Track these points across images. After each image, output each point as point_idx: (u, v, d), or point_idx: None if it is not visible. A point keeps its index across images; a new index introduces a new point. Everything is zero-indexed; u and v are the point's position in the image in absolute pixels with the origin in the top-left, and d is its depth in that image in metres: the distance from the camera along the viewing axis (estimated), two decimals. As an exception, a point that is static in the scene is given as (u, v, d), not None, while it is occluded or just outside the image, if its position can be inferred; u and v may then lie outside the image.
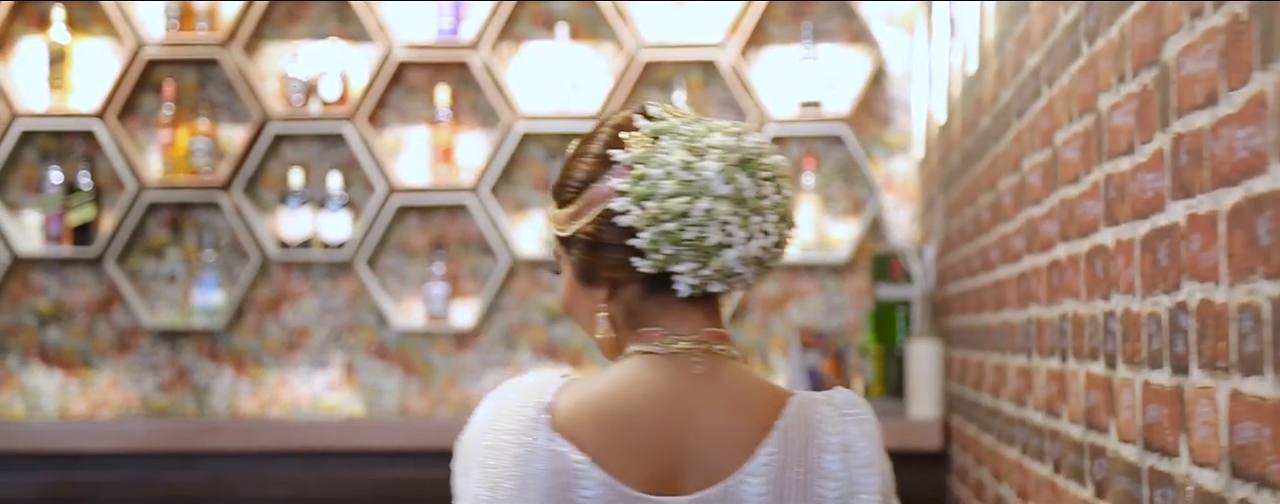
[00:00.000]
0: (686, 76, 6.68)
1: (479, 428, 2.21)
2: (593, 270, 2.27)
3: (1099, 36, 2.78)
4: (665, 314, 2.25)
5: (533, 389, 2.21)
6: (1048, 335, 3.37)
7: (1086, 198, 2.91)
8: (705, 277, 2.22)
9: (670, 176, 2.20)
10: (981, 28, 4.41)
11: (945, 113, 5.43)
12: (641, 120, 2.29)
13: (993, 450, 4.29)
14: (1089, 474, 2.91)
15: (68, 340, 6.70)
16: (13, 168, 6.69)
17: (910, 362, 5.67)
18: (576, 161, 2.31)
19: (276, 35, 6.77)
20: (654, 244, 2.21)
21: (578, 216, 2.27)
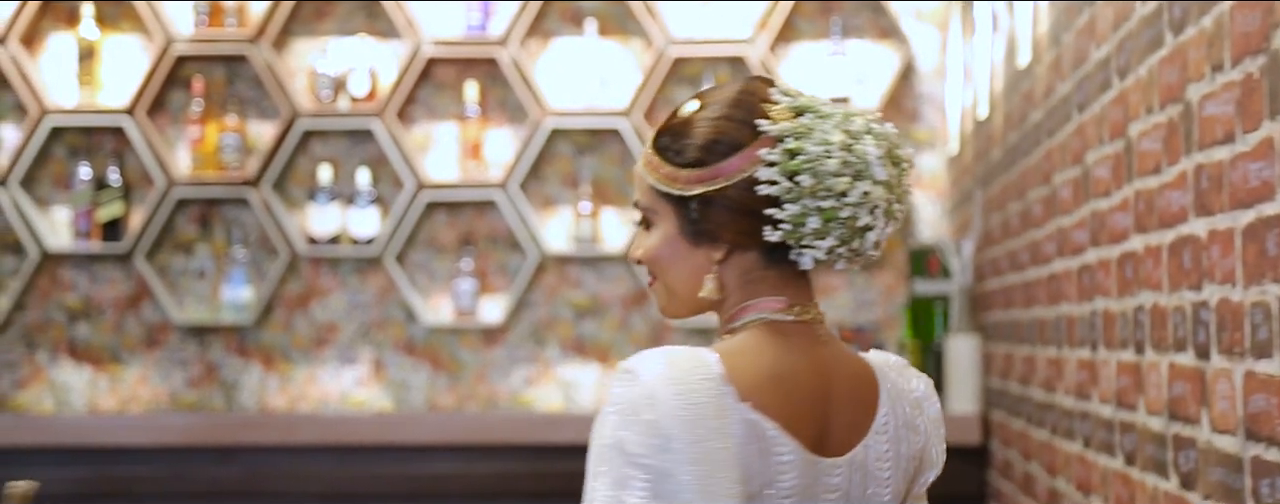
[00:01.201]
0: (715, 72, 6.68)
1: (669, 406, 2.15)
2: (715, 232, 2.29)
3: (1188, 25, 2.78)
4: (785, 284, 2.31)
5: (700, 362, 2.20)
6: (1118, 328, 3.37)
7: (1170, 189, 2.91)
8: (839, 255, 2.29)
9: (829, 155, 2.24)
10: (1034, 22, 4.40)
11: (987, 108, 5.43)
12: (777, 93, 2.33)
13: (1047, 444, 4.29)
14: (1174, 466, 2.91)
15: (97, 336, 6.69)
16: (42, 164, 6.68)
17: (949, 356, 5.67)
18: (715, 122, 2.30)
19: (305, 31, 6.76)
20: (799, 218, 2.25)
21: (709, 179, 2.29)
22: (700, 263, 2.31)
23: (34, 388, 6.65)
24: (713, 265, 2.30)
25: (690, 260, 2.32)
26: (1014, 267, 4.89)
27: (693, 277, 2.32)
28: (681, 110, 2.36)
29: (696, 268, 2.32)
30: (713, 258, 2.30)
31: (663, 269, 2.35)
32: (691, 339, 6.67)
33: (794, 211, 2.25)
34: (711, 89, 2.39)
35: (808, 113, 2.30)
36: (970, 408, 5.65)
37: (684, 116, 2.34)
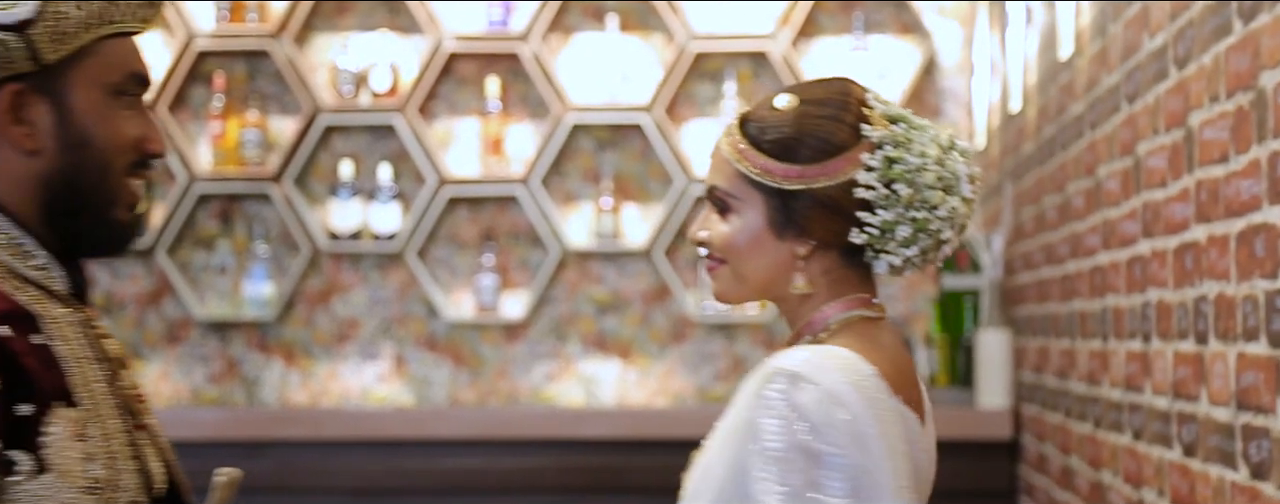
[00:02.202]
0: (737, 68, 6.68)
1: (858, 405, 2.21)
2: (806, 227, 2.32)
3: (1261, 13, 2.77)
4: (865, 283, 2.39)
5: (857, 360, 2.25)
6: (1175, 319, 3.36)
7: (1240, 177, 2.90)
8: (913, 263, 2.36)
9: (924, 169, 2.31)
10: (1076, 14, 4.40)
11: (1020, 101, 5.42)
12: (871, 98, 2.38)
13: (1090, 437, 4.29)
14: (1243, 456, 2.90)
15: (118, 332, 6.67)
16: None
17: (979, 351, 5.66)
18: (820, 122, 2.33)
19: (326, 27, 6.75)
20: (890, 224, 2.31)
21: (812, 177, 2.31)
22: (781, 255, 2.35)
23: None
24: (796, 260, 2.34)
25: (771, 252, 2.35)
26: (1050, 260, 4.89)
27: (770, 268, 2.36)
28: (776, 103, 2.37)
29: (776, 260, 2.35)
30: (797, 252, 2.34)
31: (738, 256, 2.37)
32: (714, 335, 6.66)
33: (887, 218, 2.31)
34: (804, 85, 2.42)
35: (901, 122, 2.36)
36: (1001, 402, 5.65)
37: (783, 110, 2.36)
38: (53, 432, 2.09)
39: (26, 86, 2.17)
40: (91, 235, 2.24)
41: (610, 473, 5.99)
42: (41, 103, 2.18)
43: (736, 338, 6.67)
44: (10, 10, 2.12)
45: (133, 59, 2.24)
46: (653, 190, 6.72)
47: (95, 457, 2.13)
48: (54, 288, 2.20)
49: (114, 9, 2.20)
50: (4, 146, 2.19)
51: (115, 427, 2.18)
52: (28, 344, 2.09)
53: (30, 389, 2.07)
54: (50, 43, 2.15)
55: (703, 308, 6.59)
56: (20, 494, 2.05)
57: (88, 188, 2.20)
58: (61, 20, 2.15)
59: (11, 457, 2.05)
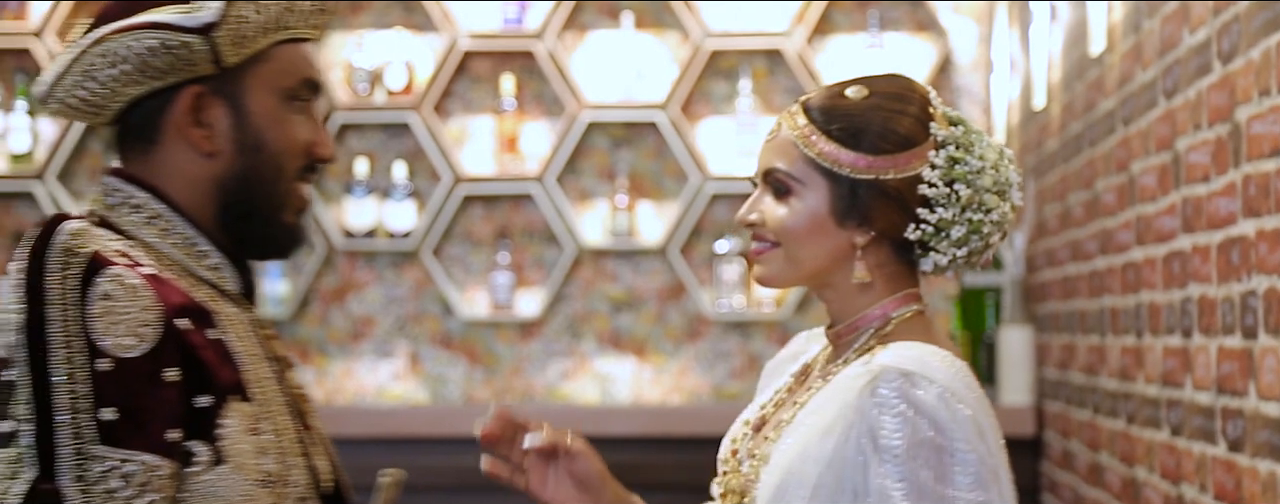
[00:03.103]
0: (752, 65, 6.68)
1: (972, 399, 2.24)
2: (870, 217, 2.34)
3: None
4: (913, 279, 2.41)
5: (952, 358, 2.28)
6: (1219, 314, 3.36)
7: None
8: (958, 264, 2.38)
9: (984, 172, 2.34)
10: (1109, 10, 4.40)
11: (1043, 98, 5.42)
12: (934, 98, 2.40)
13: (1123, 433, 4.29)
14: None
15: (132, 331, 6.65)
16: (78, 157, 6.65)
17: (1001, 348, 5.67)
18: (894, 116, 2.35)
19: (341, 25, 6.74)
20: (947, 223, 2.33)
21: (883, 168, 2.33)
22: (839, 243, 2.36)
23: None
24: (854, 249, 2.35)
25: (830, 238, 2.36)
26: (1077, 256, 4.89)
27: (827, 254, 2.37)
28: (847, 93, 2.38)
29: (834, 247, 2.36)
30: (856, 242, 2.35)
31: (795, 240, 2.37)
32: (730, 333, 6.66)
33: (944, 216, 2.33)
34: (870, 78, 2.43)
35: (959, 125, 2.38)
36: (1024, 399, 5.65)
37: (854, 100, 2.37)
38: (228, 424, 2.11)
39: (206, 89, 2.21)
40: (261, 237, 2.27)
41: (625, 470, 5.89)
42: (220, 106, 2.22)
43: (752, 336, 6.67)
44: (195, 14, 2.15)
45: (305, 65, 2.28)
46: (668, 188, 6.71)
47: (267, 451, 2.16)
48: (226, 288, 2.23)
49: (289, 15, 2.24)
50: (183, 148, 2.23)
51: (285, 423, 2.22)
52: (205, 338, 2.12)
53: (208, 382, 2.10)
54: (231, 46, 2.18)
55: (718, 305, 6.59)
56: (198, 485, 2.08)
57: (261, 191, 2.23)
58: (242, 24, 2.18)
59: (191, 447, 2.08)
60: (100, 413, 2.01)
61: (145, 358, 2.04)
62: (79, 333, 2.02)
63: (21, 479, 2.00)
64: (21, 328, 2.02)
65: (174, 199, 2.22)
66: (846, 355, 2.38)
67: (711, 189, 6.57)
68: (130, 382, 2.03)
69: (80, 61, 2.18)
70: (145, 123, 2.22)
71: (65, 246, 2.05)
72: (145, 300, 2.06)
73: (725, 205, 6.66)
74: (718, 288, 6.61)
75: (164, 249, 2.20)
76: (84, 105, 2.21)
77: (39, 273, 2.03)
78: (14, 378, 2.02)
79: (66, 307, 2.02)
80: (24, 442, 2.01)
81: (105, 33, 2.17)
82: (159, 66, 2.18)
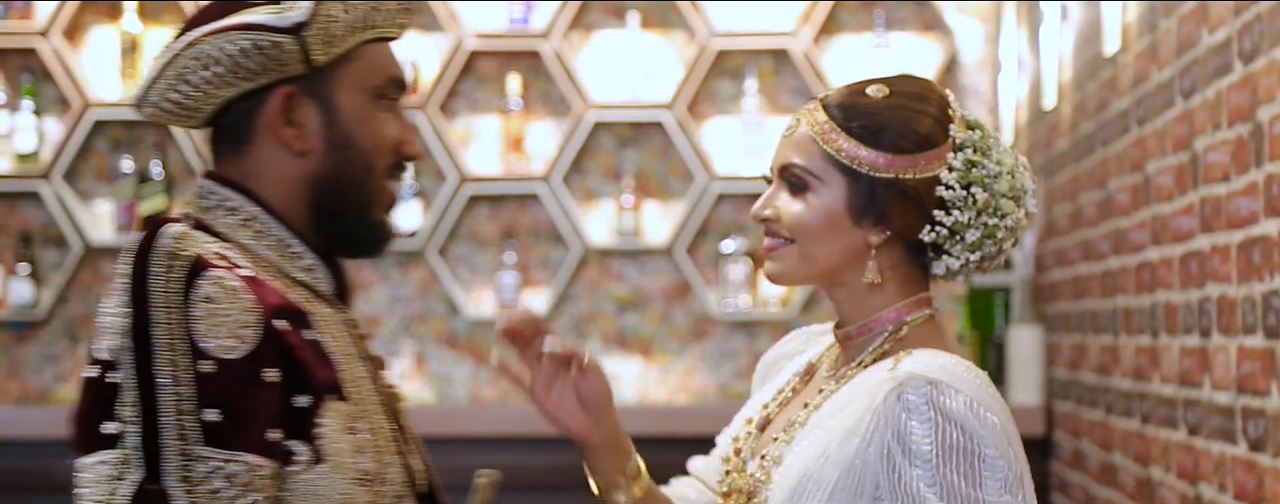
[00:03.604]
0: (758, 65, 6.67)
1: (998, 407, 2.27)
2: (887, 216, 2.34)
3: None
4: (925, 282, 2.41)
5: (973, 366, 2.29)
6: (1240, 313, 3.36)
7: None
8: (969, 268, 2.38)
9: (1000, 177, 2.34)
10: (1123, 10, 4.40)
11: (1054, 98, 5.43)
12: (952, 100, 2.41)
13: (1138, 433, 4.29)
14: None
15: (138, 331, 6.64)
16: (85, 157, 6.64)
17: (1011, 348, 5.67)
18: (915, 115, 2.35)
19: (347, 24, 6.72)
20: (962, 226, 2.33)
21: (902, 167, 2.33)
22: (854, 241, 2.36)
23: (76, 381, 6.60)
24: (868, 248, 2.35)
25: (846, 236, 2.36)
26: (1089, 256, 4.89)
27: (841, 252, 2.37)
28: (867, 91, 2.38)
29: (849, 245, 2.36)
30: (871, 241, 2.35)
31: (809, 237, 2.37)
32: (736, 333, 6.66)
33: (960, 219, 2.32)
34: (890, 78, 2.42)
35: (977, 129, 2.38)
36: (1033, 399, 5.65)
37: (874, 99, 2.36)
38: (326, 424, 2.14)
39: (297, 89, 2.24)
40: (353, 235, 2.30)
41: (631, 471, 5.98)
42: (310, 105, 2.24)
43: (758, 335, 6.67)
44: (285, 13, 2.18)
45: (391, 64, 2.32)
46: (674, 188, 6.71)
47: (364, 450, 2.19)
48: (319, 288, 2.25)
49: (376, 14, 2.27)
50: (275, 148, 2.25)
51: (380, 422, 2.24)
52: (302, 338, 2.15)
53: (306, 382, 2.13)
54: (321, 46, 2.20)
55: (724, 305, 6.58)
56: (298, 484, 2.12)
57: (351, 188, 2.26)
58: (331, 24, 2.20)
59: (291, 447, 2.11)
60: (204, 414, 2.04)
61: (246, 359, 2.07)
62: (183, 335, 2.04)
63: (128, 480, 2.03)
64: (127, 331, 2.04)
65: (267, 200, 2.25)
66: (861, 358, 2.38)
67: (717, 189, 6.57)
68: (232, 383, 2.06)
69: (173, 65, 2.21)
70: (237, 124, 2.25)
71: (168, 250, 2.07)
72: (245, 302, 2.09)
73: (731, 205, 6.66)
74: (724, 288, 6.61)
75: (259, 251, 2.23)
76: (178, 109, 2.25)
77: (143, 276, 2.06)
78: (119, 380, 2.05)
79: (170, 309, 2.04)
80: (129, 443, 2.04)
81: (197, 36, 2.20)
82: (251, 67, 2.20)
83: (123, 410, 2.04)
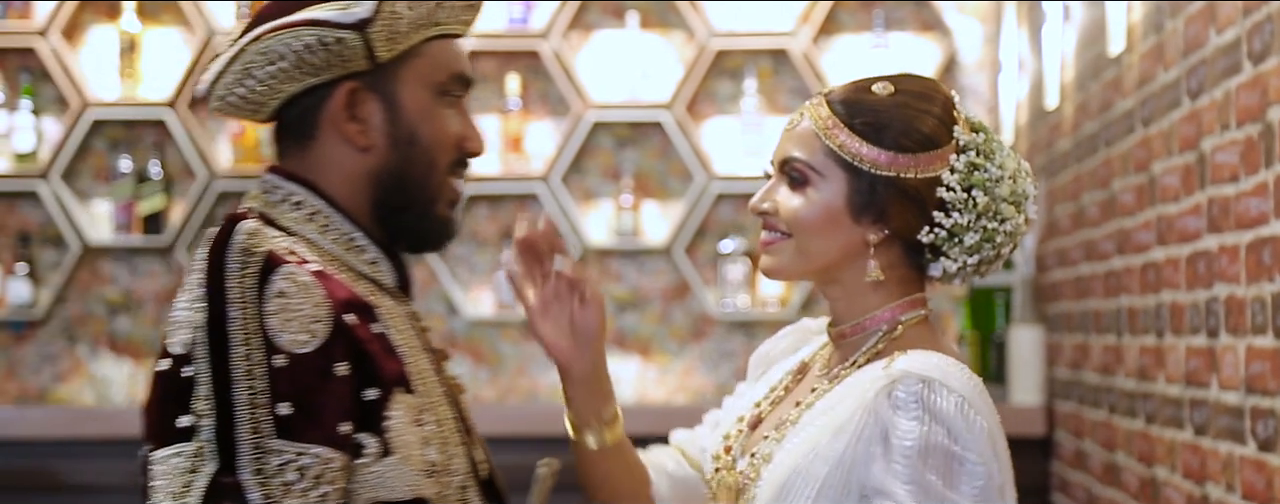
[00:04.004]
0: (757, 65, 6.68)
1: (987, 410, 2.25)
2: (886, 214, 2.33)
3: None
4: (921, 284, 2.41)
5: (968, 369, 2.29)
6: (1249, 314, 3.37)
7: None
8: (966, 272, 2.37)
9: (1002, 181, 2.34)
10: (1128, 10, 4.40)
11: (1056, 98, 5.43)
12: (958, 103, 2.40)
13: (1142, 433, 4.29)
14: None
15: (138, 329, 6.65)
16: (83, 157, 6.63)
17: (1011, 348, 5.68)
18: (919, 115, 2.34)
19: (346, 23, 6.71)
20: (961, 229, 2.33)
21: (904, 166, 2.33)
22: (852, 238, 2.35)
23: (74, 381, 6.61)
24: (867, 246, 2.35)
25: (844, 233, 2.35)
26: (1092, 256, 4.90)
27: (838, 249, 2.36)
28: (873, 88, 2.37)
29: (847, 242, 2.35)
30: (869, 239, 2.35)
31: (807, 232, 2.37)
32: (734, 333, 6.66)
33: (959, 221, 2.32)
34: (896, 76, 2.42)
35: (982, 132, 2.37)
36: (1034, 399, 5.66)
37: (879, 96, 2.36)
38: (394, 416, 2.16)
39: (361, 85, 2.26)
40: (415, 230, 2.32)
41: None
42: (373, 101, 2.26)
43: (756, 335, 6.66)
44: (350, 10, 2.19)
45: (456, 60, 2.34)
46: (673, 188, 6.71)
47: (430, 441, 2.21)
48: (383, 282, 2.26)
49: (440, 11, 2.29)
50: (338, 143, 2.28)
51: (445, 413, 2.27)
52: (370, 332, 2.17)
53: (375, 375, 2.15)
54: (385, 42, 2.22)
55: (723, 305, 6.59)
56: (367, 476, 2.14)
57: (414, 184, 2.28)
58: (395, 20, 2.22)
59: (360, 440, 2.14)
60: (277, 408, 2.07)
61: (317, 353, 2.10)
62: (257, 330, 2.08)
63: (203, 473, 2.06)
64: (203, 326, 2.07)
65: (331, 194, 2.28)
66: (856, 358, 2.37)
67: (716, 189, 6.57)
68: (304, 377, 2.09)
69: (239, 60, 2.23)
70: (302, 119, 2.28)
71: (243, 246, 2.10)
72: (316, 297, 2.12)
73: (730, 205, 6.66)
74: (722, 288, 6.61)
75: (324, 245, 2.26)
76: (244, 103, 2.27)
77: (220, 272, 2.09)
78: (194, 374, 2.07)
79: (245, 305, 2.08)
80: (204, 436, 2.06)
81: (263, 31, 2.22)
82: (315, 63, 2.23)
83: (197, 404, 2.07)
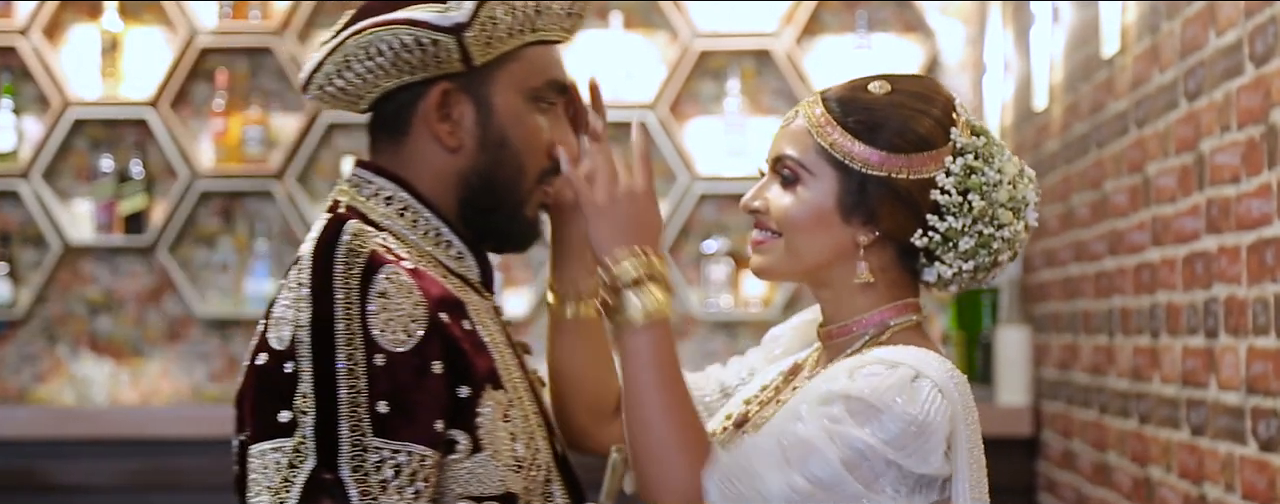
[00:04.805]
0: (741, 65, 6.68)
1: (963, 405, 2.21)
2: (876, 215, 2.31)
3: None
4: (914, 288, 2.37)
5: (952, 365, 2.25)
6: (1249, 314, 3.38)
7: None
8: (963, 278, 2.33)
9: (1000, 186, 2.30)
10: (1123, 11, 4.42)
11: (1045, 99, 5.44)
12: (958, 104, 2.36)
13: (1136, 433, 4.31)
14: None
15: (118, 329, 6.63)
16: (64, 156, 6.61)
17: (998, 348, 5.69)
18: (914, 115, 2.32)
19: (329, 24, 6.64)
20: (955, 233, 2.29)
21: (896, 166, 2.30)
22: (842, 239, 2.33)
23: (55, 381, 6.58)
24: (857, 247, 2.32)
25: (833, 233, 2.33)
26: (1082, 257, 4.91)
27: (827, 250, 2.34)
28: (870, 87, 2.35)
29: (836, 242, 2.33)
30: (859, 240, 2.32)
31: (796, 231, 2.34)
32: (717, 333, 6.66)
33: (954, 226, 2.28)
34: (896, 75, 2.40)
35: (982, 135, 2.34)
36: (1021, 399, 5.67)
37: (875, 95, 2.34)
38: (484, 412, 2.18)
39: (454, 86, 2.28)
40: (502, 231, 2.36)
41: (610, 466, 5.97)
42: (466, 102, 2.28)
43: (739, 335, 6.67)
44: (448, 13, 2.20)
45: (553, 67, 2.35)
46: (656, 188, 6.66)
47: (517, 436, 2.23)
48: (469, 277, 2.27)
49: (540, 17, 2.30)
50: (429, 141, 2.30)
51: (530, 408, 2.30)
52: (462, 330, 2.19)
53: (467, 372, 2.17)
54: (481, 46, 2.23)
55: (706, 305, 6.59)
56: (459, 472, 2.17)
57: (502, 186, 2.30)
58: (493, 25, 2.23)
59: (453, 436, 2.16)
60: (375, 406, 2.09)
61: (413, 352, 2.12)
62: (360, 329, 2.10)
63: (302, 469, 2.08)
64: (307, 325, 2.09)
65: (421, 190, 2.30)
66: (838, 359, 2.34)
67: (699, 189, 6.57)
68: (402, 375, 2.11)
69: (339, 52, 2.27)
70: (396, 115, 2.30)
71: (349, 247, 2.13)
72: (415, 296, 2.13)
73: (713, 205, 6.66)
74: (705, 288, 6.61)
75: (412, 239, 2.27)
76: (341, 94, 2.30)
77: (327, 272, 2.11)
78: (294, 370, 2.09)
79: (350, 304, 2.10)
80: (304, 432, 2.08)
81: (365, 25, 2.25)
82: (411, 62, 2.25)
83: (298, 400, 2.09)
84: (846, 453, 2.16)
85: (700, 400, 2.51)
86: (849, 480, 2.16)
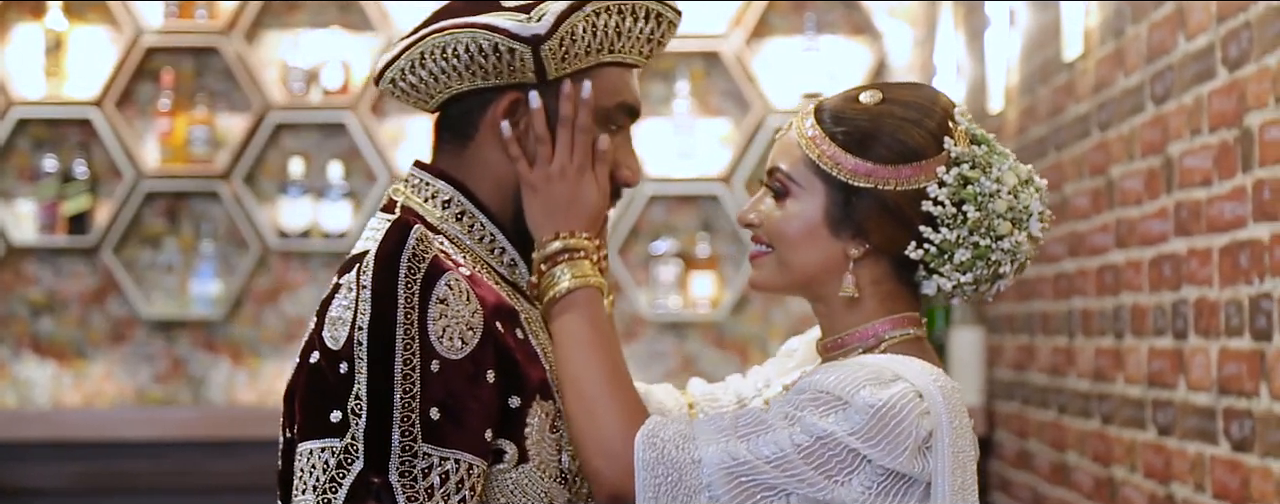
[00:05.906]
0: (689, 67, 6.68)
1: (949, 412, 2.17)
2: (865, 228, 2.28)
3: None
4: (914, 301, 2.32)
5: (944, 375, 2.22)
6: (1222, 315, 3.41)
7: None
8: (965, 290, 2.29)
9: (998, 196, 2.26)
10: (1085, 14, 4.44)
11: (1001, 102, 5.47)
12: (957, 113, 2.32)
13: (1098, 433, 4.33)
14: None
15: (61, 331, 6.57)
16: (7, 156, 6.55)
17: (952, 349, 5.71)
18: (904, 125, 2.28)
19: (277, 24, 6.67)
20: (950, 245, 2.25)
21: (883, 178, 2.27)
22: (833, 252, 2.30)
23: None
24: (847, 260, 2.29)
25: (823, 247, 2.30)
26: (1038, 258, 4.93)
27: (818, 263, 2.31)
28: (861, 98, 2.32)
29: (827, 256, 2.30)
30: (850, 253, 2.29)
31: (787, 245, 2.32)
32: (665, 334, 6.66)
33: (949, 237, 2.24)
34: (892, 84, 2.36)
35: (983, 144, 2.30)
36: (973, 400, 5.70)
37: (866, 106, 2.30)
38: (532, 423, 2.17)
39: (525, 97, 2.26)
40: None
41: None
42: (535, 114, 2.22)
43: (687, 337, 6.67)
44: (529, 24, 2.18)
45: (626, 90, 2.32)
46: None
47: (564, 448, 2.22)
48: (521, 285, 2.27)
49: (620, 40, 2.27)
50: (494, 148, 2.28)
51: None
52: (516, 339, 2.18)
53: (519, 382, 2.16)
54: (557, 61, 2.22)
55: (654, 306, 6.59)
56: (506, 482, 2.16)
57: None
58: (572, 42, 2.21)
59: (501, 446, 2.15)
60: (428, 412, 2.08)
61: (467, 359, 2.11)
62: (419, 335, 2.08)
63: (351, 470, 2.07)
64: (365, 327, 2.07)
65: (480, 197, 2.28)
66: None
67: (649, 190, 6.57)
68: (455, 382, 2.10)
69: (416, 47, 2.25)
70: (464, 118, 2.29)
71: (414, 251, 2.10)
72: (474, 304, 2.12)
73: (662, 207, 6.66)
74: (654, 289, 6.61)
75: (468, 244, 2.27)
76: (412, 90, 2.29)
77: (391, 277, 2.09)
78: (349, 371, 2.08)
79: (411, 309, 2.08)
80: (355, 434, 2.07)
81: (446, 25, 2.23)
82: (485, 67, 2.24)
83: (351, 401, 2.07)
84: (803, 438, 2.13)
85: (718, 410, 2.49)
86: (798, 464, 2.13)
